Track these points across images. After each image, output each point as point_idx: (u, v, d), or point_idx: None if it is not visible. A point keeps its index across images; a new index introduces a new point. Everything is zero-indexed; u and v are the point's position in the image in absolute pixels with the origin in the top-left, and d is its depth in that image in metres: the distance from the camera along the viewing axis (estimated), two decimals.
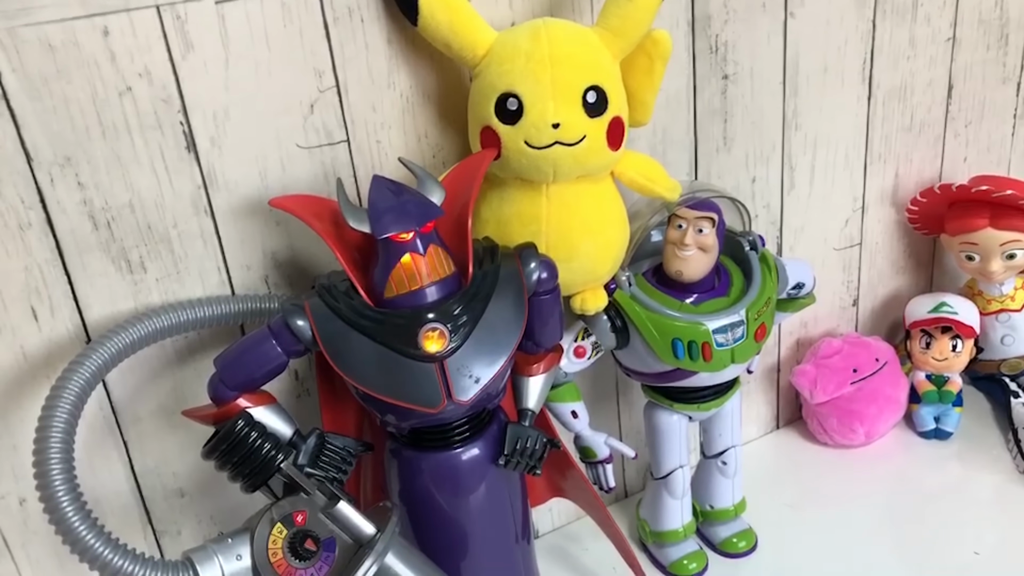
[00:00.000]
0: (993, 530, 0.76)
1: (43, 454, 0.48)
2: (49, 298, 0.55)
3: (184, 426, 0.60)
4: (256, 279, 0.60)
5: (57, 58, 0.51)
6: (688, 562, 0.73)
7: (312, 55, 0.57)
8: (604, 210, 0.60)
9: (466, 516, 0.58)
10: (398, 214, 0.52)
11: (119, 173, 0.54)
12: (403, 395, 0.52)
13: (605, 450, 0.67)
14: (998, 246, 0.80)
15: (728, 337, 0.63)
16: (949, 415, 0.85)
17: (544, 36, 0.56)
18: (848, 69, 0.77)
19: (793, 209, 0.80)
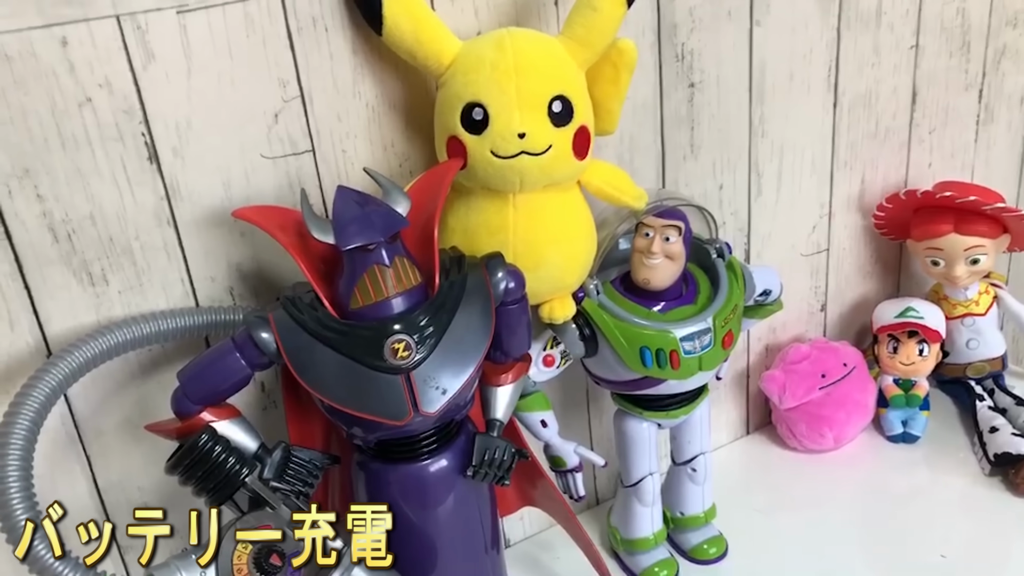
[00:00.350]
0: (960, 532, 0.77)
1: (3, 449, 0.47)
2: (8, 312, 0.54)
3: (149, 440, 0.59)
4: (221, 291, 0.60)
5: (14, 69, 0.50)
6: (659, 569, 0.73)
7: (276, 65, 0.57)
8: (571, 219, 0.60)
9: (435, 527, 0.58)
10: (363, 225, 0.51)
11: (79, 185, 0.53)
12: (369, 408, 0.52)
13: (575, 459, 0.67)
14: (962, 251, 0.81)
15: (696, 345, 0.63)
16: (916, 419, 0.86)
17: (509, 46, 0.56)
18: (814, 76, 0.78)
19: (760, 216, 0.80)
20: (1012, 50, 0.89)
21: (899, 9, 0.80)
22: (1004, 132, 0.93)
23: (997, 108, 0.91)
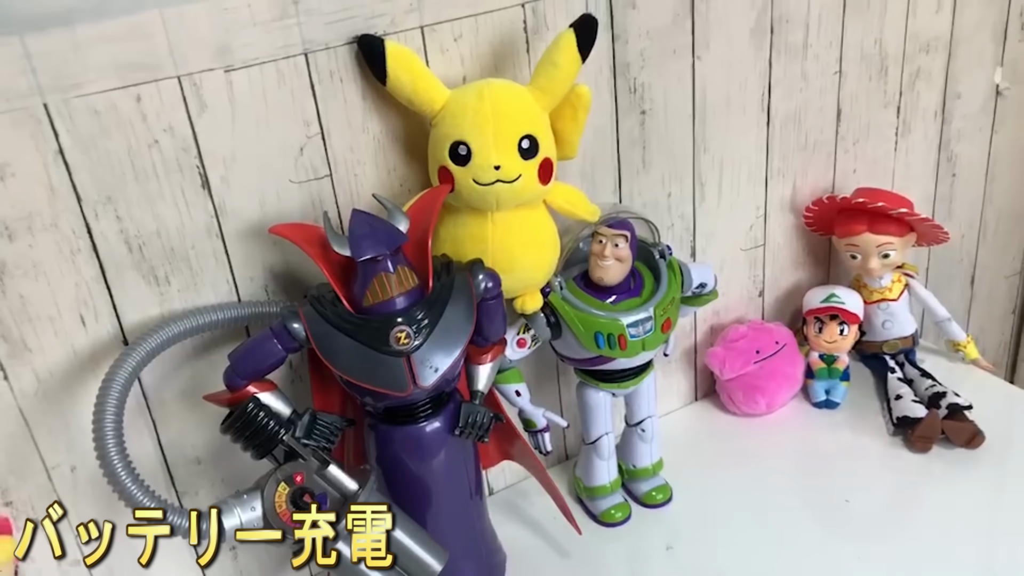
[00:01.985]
0: (866, 481, 0.92)
1: (100, 426, 0.62)
2: (94, 308, 0.68)
3: (200, 407, 0.74)
4: (258, 288, 0.74)
5: (100, 120, 0.64)
6: (615, 511, 0.89)
7: (302, 109, 0.71)
8: (538, 231, 0.75)
9: (429, 476, 0.73)
10: (372, 241, 0.66)
11: (148, 207, 0.68)
12: (378, 382, 0.67)
13: (543, 421, 0.83)
14: (875, 248, 0.96)
15: (640, 330, 0.78)
16: (837, 388, 1.01)
17: (487, 95, 0.70)
18: (749, 101, 0.92)
19: (704, 218, 0.95)
20: (925, 72, 1.03)
21: (823, 41, 0.94)
22: (920, 141, 1.07)
23: (913, 121, 1.05)
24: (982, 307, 1.26)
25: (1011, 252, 1.24)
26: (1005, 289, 1.27)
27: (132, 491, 0.61)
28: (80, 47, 0.61)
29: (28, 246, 0.65)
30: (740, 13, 0.87)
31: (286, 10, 0.67)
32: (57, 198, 0.64)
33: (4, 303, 0.65)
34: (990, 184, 1.16)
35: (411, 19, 0.72)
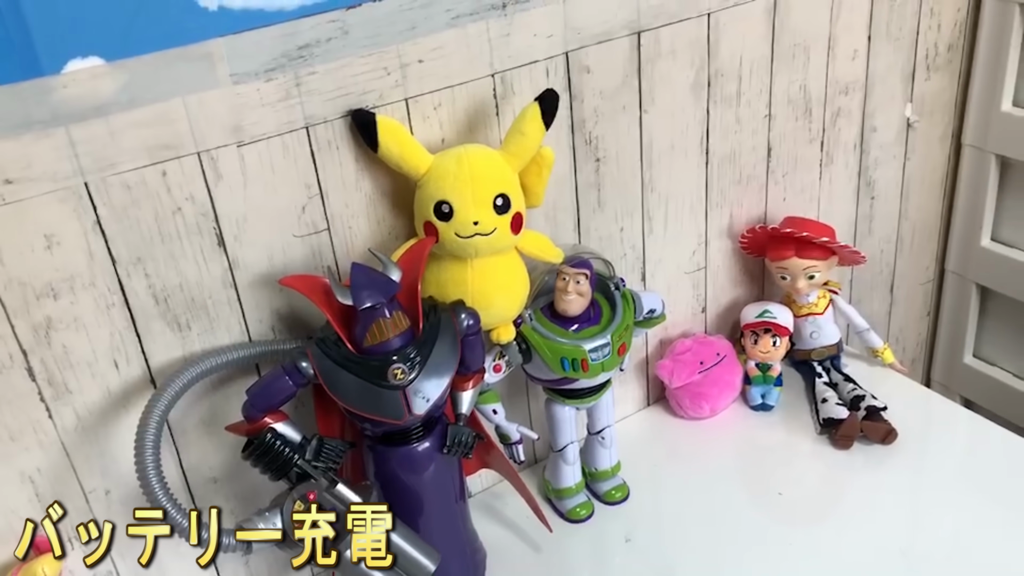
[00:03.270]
0: (797, 476, 1.05)
1: (140, 452, 0.72)
2: (126, 353, 0.78)
3: (217, 434, 0.85)
4: (266, 329, 0.84)
5: (132, 193, 0.74)
6: (580, 509, 1.00)
7: (303, 174, 0.81)
8: (511, 274, 0.86)
9: (421, 488, 0.84)
10: (371, 291, 0.76)
11: (172, 265, 0.78)
12: (378, 412, 0.77)
13: (517, 435, 0.94)
14: (802, 270, 1.09)
15: (599, 354, 0.90)
16: (772, 393, 1.14)
17: (465, 161, 0.81)
18: (690, 145, 1.04)
19: (652, 247, 1.07)
20: (845, 111, 1.16)
21: (754, 90, 1.06)
22: (842, 170, 1.20)
23: (835, 153, 1.18)
24: (901, 311, 1.40)
25: (924, 262, 1.39)
26: (921, 295, 1.42)
27: (170, 511, 0.72)
28: (115, 133, 0.71)
29: (70, 303, 0.74)
30: (680, 71, 0.99)
31: (289, 92, 0.77)
32: (95, 261, 0.74)
33: (49, 352, 0.75)
34: (905, 203, 1.30)
35: (396, 93, 0.83)
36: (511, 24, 0.86)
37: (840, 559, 0.93)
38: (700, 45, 0.99)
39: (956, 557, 0.91)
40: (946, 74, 1.24)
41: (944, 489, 1.01)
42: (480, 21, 0.84)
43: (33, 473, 0.77)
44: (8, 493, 0.77)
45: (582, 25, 0.90)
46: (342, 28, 0.78)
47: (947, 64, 1.23)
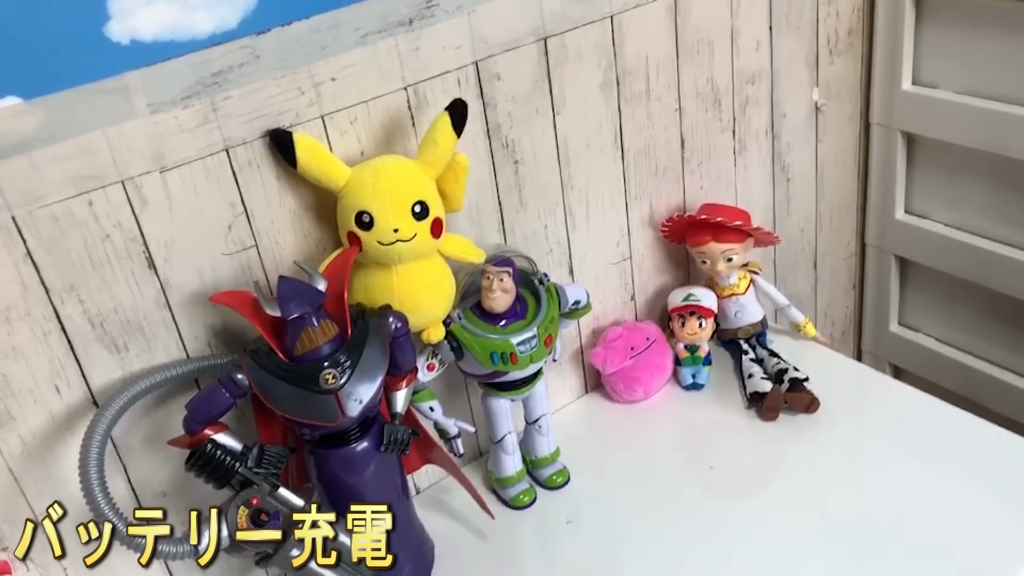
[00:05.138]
0: (727, 449, 1.10)
1: (85, 471, 0.75)
2: (66, 378, 0.81)
3: (163, 449, 0.88)
4: (202, 345, 0.88)
5: (60, 224, 0.77)
6: (523, 496, 1.05)
7: (227, 194, 0.84)
8: (435, 276, 0.90)
9: (363, 487, 0.88)
10: (298, 302, 0.80)
11: (106, 290, 0.80)
12: (313, 416, 0.81)
13: (455, 429, 0.98)
14: (720, 254, 1.15)
15: (527, 347, 0.94)
16: (702, 372, 1.19)
17: (382, 172, 0.85)
18: (604, 142, 1.09)
19: (577, 242, 1.11)
20: (754, 99, 1.21)
21: (663, 85, 1.11)
22: (756, 156, 1.26)
23: (748, 140, 1.24)
24: (827, 286, 1.47)
25: (845, 237, 1.45)
26: (844, 269, 1.48)
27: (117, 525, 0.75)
28: (38, 167, 0.74)
29: (7, 333, 0.77)
30: (589, 73, 1.03)
31: (207, 117, 0.81)
32: (28, 291, 0.77)
33: None
34: (820, 184, 1.36)
35: (312, 111, 0.86)
36: (419, 38, 0.90)
37: (778, 526, 0.97)
38: (606, 47, 1.04)
39: (885, 518, 0.96)
40: (848, 58, 1.30)
41: (868, 453, 1.07)
42: (388, 38, 0.88)
43: None
44: None
45: (489, 35, 0.94)
46: (253, 53, 0.81)
47: (848, 48, 1.29)
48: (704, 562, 0.95)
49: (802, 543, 0.95)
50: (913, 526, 0.95)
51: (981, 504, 0.96)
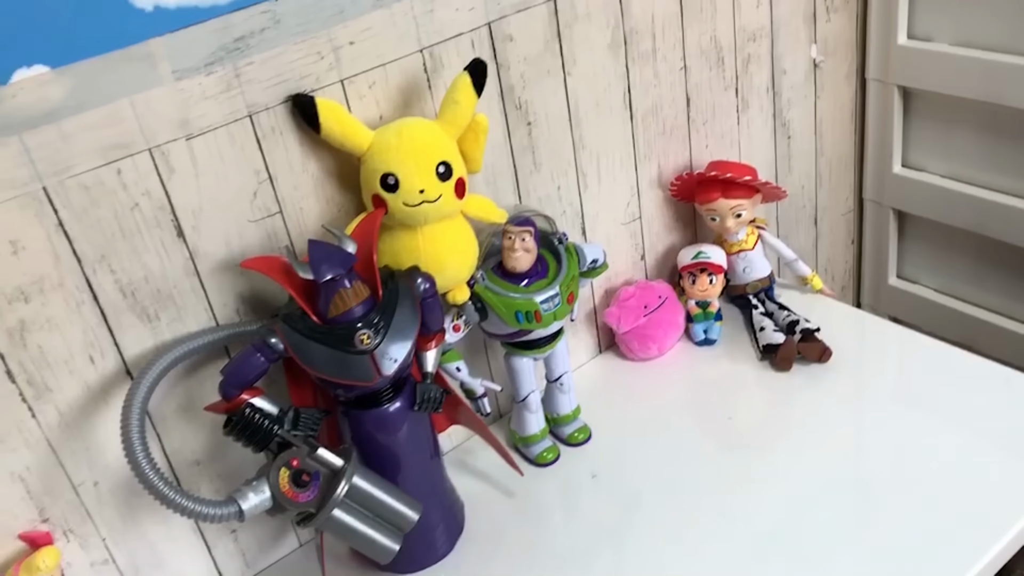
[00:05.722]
0: (744, 401, 1.13)
1: (128, 441, 0.75)
2: (100, 348, 0.81)
3: (196, 418, 0.89)
4: (231, 313, 0.88)
5: (90, 193, 0.77)
6: (546, 454, 1.06)
7: (251, 160, 0.84)
8: (459, 237, 0.91)
9: (397, 446, 0.89)
10: (330, 264, 0.81)
11: (136, 259, 0.81)
12: (349, 376, 0.82)
13: (481, 389, 1.00)
14: (729, 210, 1.16)
15: (550, 304, 0.96)
16: (713, 328, 1.21)
17: (405, 133, 0.85)
18: (613, 102, 1.10)
19: (589, 203, 1.13)
20: (755, 57, 1.23)
21: (668, 44, 1.12)
22: (758, 114, 1.27)
23: (750, 98, 1.25)
24: (827, 242, 1.49)
25: (844, 193, 1.48)
26: (844, 224, 1.51)
27: (157, 484, 0.75)
28: (67, 137, 0.74)
29: (41, 305, 0.77)
30: (598, 32, 1.04)
31: (230, 84, 0.81)
32: (61, 262, 0.77)
33: (26, 354, 0.78)
34: (819, 140, 1.38)
35: (332, 75, 0.87)
36: (433, 1, 0.90)
37: (794, 473, 1.00)
38: (613, 6, 1.04)
39: (899, 462, 0.99)
40: (845, 14, 1.32)
41: (881, 399, 1.10)
42: (404, 0, 0.88)
43: (23, 472, 0.80)
44: (1, 493, 0.80)
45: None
46: (274, 18, 0.81)
47: (845, 4, 1.31)
48: (728, 508, 0.96)
49: (824, 487, 0.97)
50: (930, 469, 0.97)
51: (994, 447, 0.99)
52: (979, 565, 0.85)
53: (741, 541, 0.92)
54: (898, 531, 0.90)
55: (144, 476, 0.76)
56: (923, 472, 0.97)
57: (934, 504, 0.93)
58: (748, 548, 0.91)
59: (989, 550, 0.86)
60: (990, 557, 0.86)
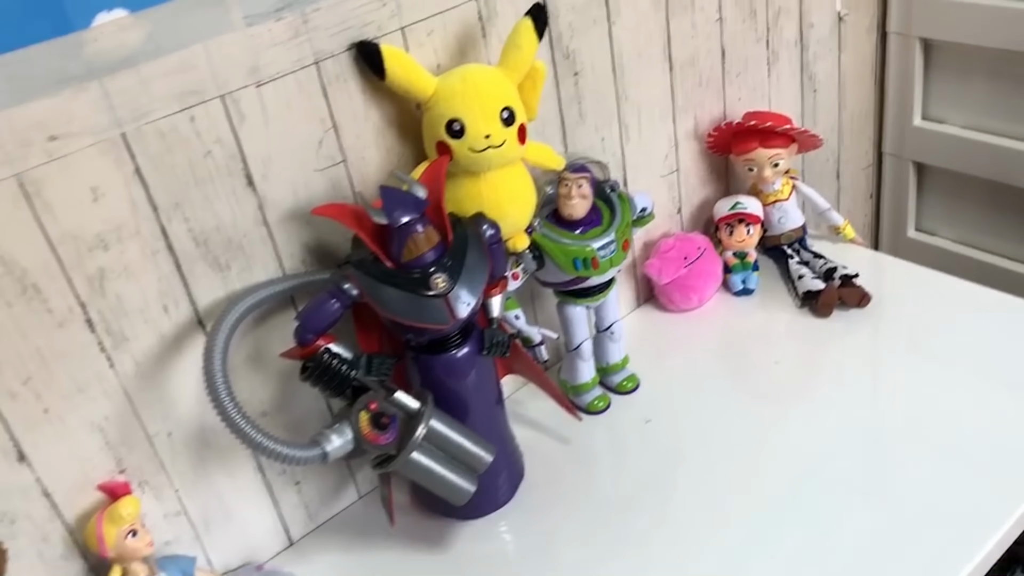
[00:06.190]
0: (787, 347, 1.15)
1: (212, 383, 0.76)
2: (174, 297, 0.81)
3: (263, 369, 0.89)
4: (297, 263, 0.88)
5: (166, 140, 0.77)
6: (598, 402, 1.08)
7: (317, 108, 0.85)
8: (520, 184, 0.92)
9: (465, 392, 0.90)
10: (404, 209, 0.81)
11: (208, 208, 0.81)
12: (424, 320, 0.82)
13: (539, 336, 1.01)
14: (767, 159, 1.18)
15: (607, 251, 0.97)
16: (751, 278, 1.23)
17: (470, 79, 0.86)
18: (654, 53, 1.11)
19: (631, 154, 1.14)
20: (785, 10, 1.24)
21: None
22: (787, 66, 1.29)
23: (780, 51, 1.27)
24: (847, 195, 1.51)
25: (864, 147, 1.50)
26: (863, 179, 1.53)
27: (244, 428, 0.76)
28: (145, 82, 0.74)
29: (119, 252, 0.77)
30: None
31: (298, 30, 0.81)
32: (138, 210, 0.77)
33: (105, 303, 0.78)
34: (842, 94, 1.40)
35: (393, 23, 0.87)
36: None
37: (841, 415, 1.02)
38: None
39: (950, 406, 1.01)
40: None
41: (923, 341, 1.12)
42: None
43: (102, 422, 0.80)
44: (81, 444, 0.80)
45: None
46: None
47: None
48: (781, 449, 0.99)
49: (873, 429, 1.00)
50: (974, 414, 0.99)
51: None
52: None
53: (789, 484, 0.94)
54: (945, 472, 0.92)
55: (232, 420, 0.76)
56: (967, 417, 0.99)
57: (976, 449, 0.95)
58: (797, 490, 0.93)
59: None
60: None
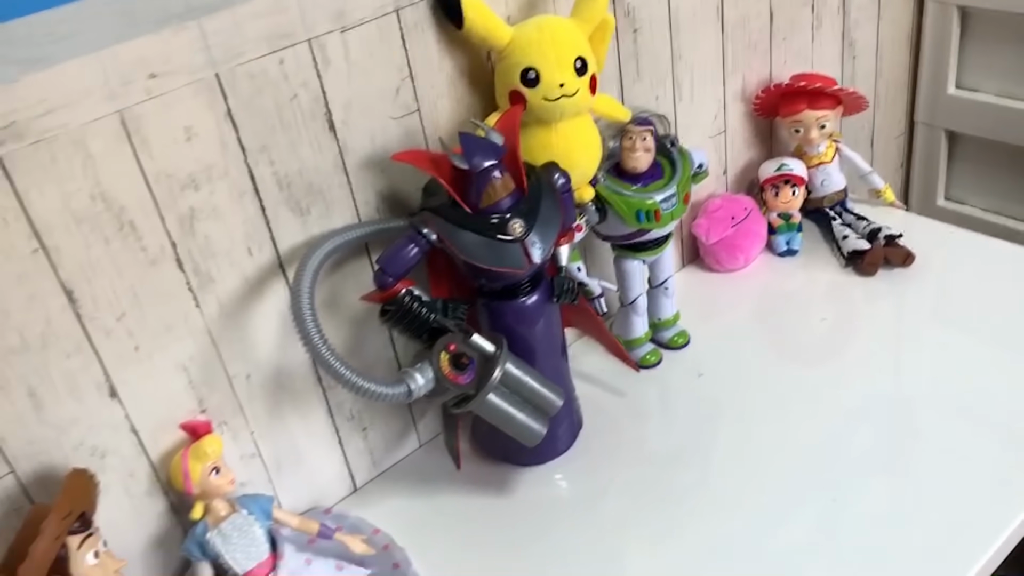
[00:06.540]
0: (833, 305, 1.17)
1: (302, 321, 0.77)
2: (258, 240, 0.83)
3: (335, 315, 0.90)
4: (372, 210, 0.90)
5: (255, 82, 0.78)
6: (650, 356, 1.10)
7: (396, 56, 0.86)
8: (588, 134, 0.93)
9: (533, 339, 0.92)
10: (483, 155, 0.83)
11: (292, 152, 0.82)
12: (501, 263, 0.84)
13: (599, 288, 1.03)
14: (815, 121, 1.20)
15: (669, 204, 0.99)
16: (795, 238, 1.25)
17: (546, 28, 0.87)
18: (708, 13, 1.12)
19: (683, 113, 1.16)
20: None
21: None
22: (829, 32, 1.31)
23: (824, 16, 1.29)
24: (880, 164, 1.53)
25: (897, 116, 1.52)
26: (895, 147, 1.55)
27: (333, 363, 0.78)
28: (239, 23, 0.75)
29: (209, 193, 0.78)
30: None
31: None
32: (228, 151, 0.78)
33: (194, 242, 0.79)
34: (880, 62, 1.42)
35: None
36: None
37: (889, 370, 1.05)
38: None
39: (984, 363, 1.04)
40: None
41: (964, 300, 1.14)
42: None
43: (186, 362, 0.82)
44: (167, 382, 0.81)
45: None
46: None
47: None
48: (830, 398, 1.01)
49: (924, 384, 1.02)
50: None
51: None
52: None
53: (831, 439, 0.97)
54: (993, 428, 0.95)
55: (322, 357, 0.78)
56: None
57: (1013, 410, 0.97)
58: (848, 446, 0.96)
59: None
60: None
